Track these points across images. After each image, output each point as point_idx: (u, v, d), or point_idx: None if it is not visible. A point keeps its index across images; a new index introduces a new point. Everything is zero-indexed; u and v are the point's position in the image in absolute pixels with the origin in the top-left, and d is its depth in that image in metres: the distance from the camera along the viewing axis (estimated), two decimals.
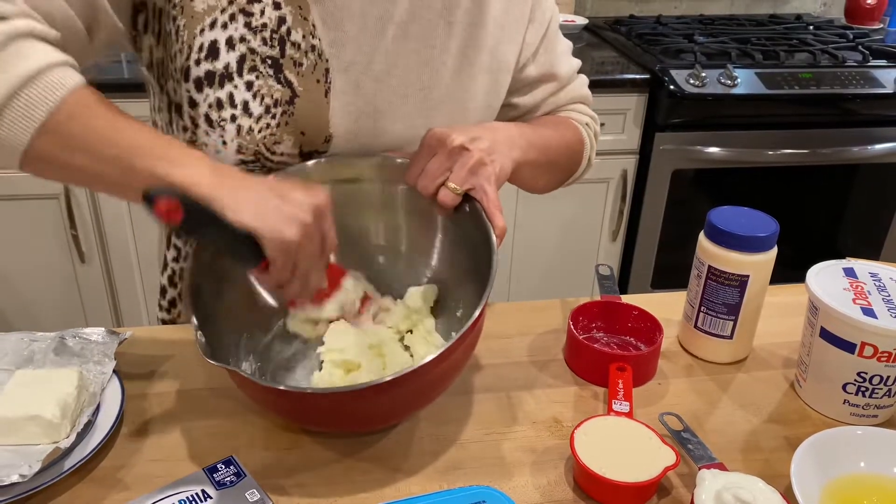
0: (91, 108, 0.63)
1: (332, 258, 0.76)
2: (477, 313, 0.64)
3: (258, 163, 0.79)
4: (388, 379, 0.60)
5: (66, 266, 1.87)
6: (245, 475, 0.65)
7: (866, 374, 0.72)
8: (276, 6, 0.76)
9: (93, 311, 1.94)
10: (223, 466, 0.66)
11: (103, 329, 0.81)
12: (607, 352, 0.82)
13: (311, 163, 0.80)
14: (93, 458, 0.67)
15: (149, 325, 1.91)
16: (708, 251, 0.80)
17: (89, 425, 0.70)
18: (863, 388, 0.73)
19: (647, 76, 1.91)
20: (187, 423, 0.73)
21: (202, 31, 0.75)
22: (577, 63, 0.98)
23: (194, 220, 0.60)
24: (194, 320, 0.66)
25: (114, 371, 0.76)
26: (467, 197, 0.74)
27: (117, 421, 0.71)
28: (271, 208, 0.62)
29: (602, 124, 0.99)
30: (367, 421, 0.70)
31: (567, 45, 0.96)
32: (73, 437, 0.67)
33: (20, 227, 1.81)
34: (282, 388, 0.66)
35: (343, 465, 0.69)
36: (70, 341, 0.79)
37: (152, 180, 0.60)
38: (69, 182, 0.67)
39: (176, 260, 0.94)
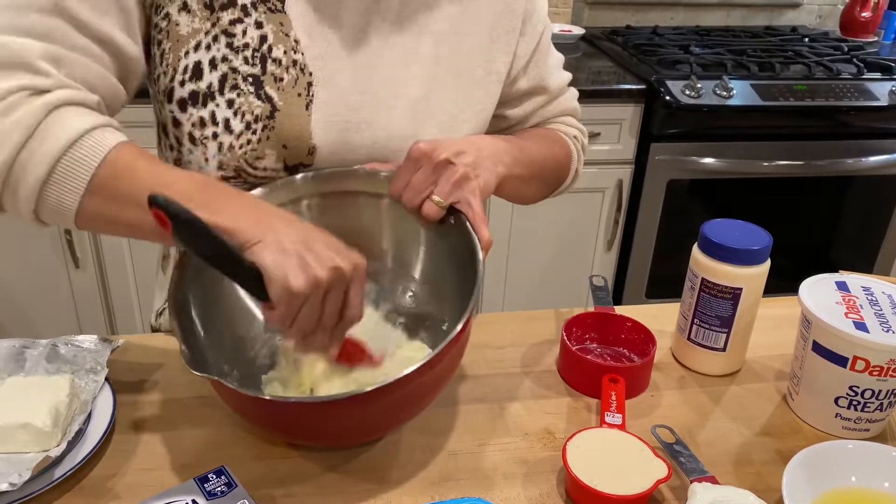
0: (132, 165, 0.65)
1: (360, 339, 0.73)
2: (460, 326, 0.64)
3: (240, 178, 0.80)
4: (369, 390, 0.60)
5: (61, 271, 1.87)
6: (236, 485, 0.64)
7: (858, 387, 0.72)
8: (258, 25, 0.77)
9: (86, 317, 1.93)
10: (214, 476, 0.65)
11: (96, 337, 0.80)
12: (600, 363, 0.82)
13: (298, 176, 0.80)
14: (83, 466, 0.67)
15: (143, 332, 1.91)
16: (701, 264, 0.80)
17: (80, 433, 0.69)
18: (855, 402, 0.74)
19: (643, 86, 1.91)
20: (179, 432, 0.73)
21: (187, 53, 0.76)
22: (568, 76, 0.98)
23: (185, 231, 0.59)
24: (178, 330, 0.66)
25: (106, 379, 0.75)
26: (452, 210, 0.75)
27: (108, 429, 0.70)
28: (291, 253, 0.61)
29: (597, 134, 1.00)
30: (348, 434, 0.69)
31: (558, 58, 0.97)
32: (63, 446, 0.66)
33: (14, 231, 1.81)
34: (261, 397, 0.66)
35: (335, 475, 0.69)
36: (62, 349, 0.79)
37: None
38: (122, 235, 0.71)
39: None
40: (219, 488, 0.64)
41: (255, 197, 0.77)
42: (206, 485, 0.64)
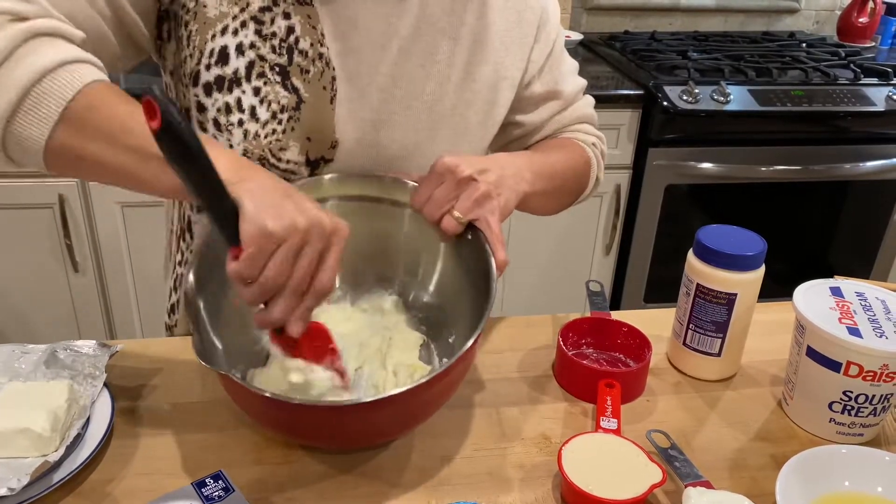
0: (109, 101, 0.63)
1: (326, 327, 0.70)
2: (469, 344, 0.64)
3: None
4: (372, 399, 0.60)
5: (60, 275, 1.87)
6: (233, 490, 0.65)
7: (852, 392, 0.73)
8: (286, 16, 0.77)
9: (85, 321, 1.94)
10: (212, 481, 0.66)
11: (94, 342, 0.81)
12: (596, 368, 0.83)
13: (326, 176, 0.81)
14: (82, 471, 0.67)
15: (142, 336, 1.91)
16: (696, 269, 0.81)
17: (79, 438, 0.70)
18: (849, 407, 0.74)
19: (641, 92, 1.92)
20: (177, 437, 0.74)
21: (213, 36, 0.77)
22: (583, 83, 0.99)
23: (171, 138, 0.54)
24: (190, 323, 0.66)
25: (104, 384, 0.76)
26: (471, 227, 0.76)
27: (107, 434, 0.71)
28: (271, 198, 0.59)
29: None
30: (351, 438, 0.70)
31: (573, 64, 0.98)
32: (62, 451, 0.67)
33: (14, 235, 1.81)
34: (268, 394, 0.64)
35: (333, 479, 0.69)
36: (61, 354, 0.79)
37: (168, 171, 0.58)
38: (89, 176, 0.68)
39: (181, 264, 0.95)
40: (217, 493, 0.64)
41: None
42: (204, 489, 0.65)
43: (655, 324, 0.91)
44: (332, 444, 0.72)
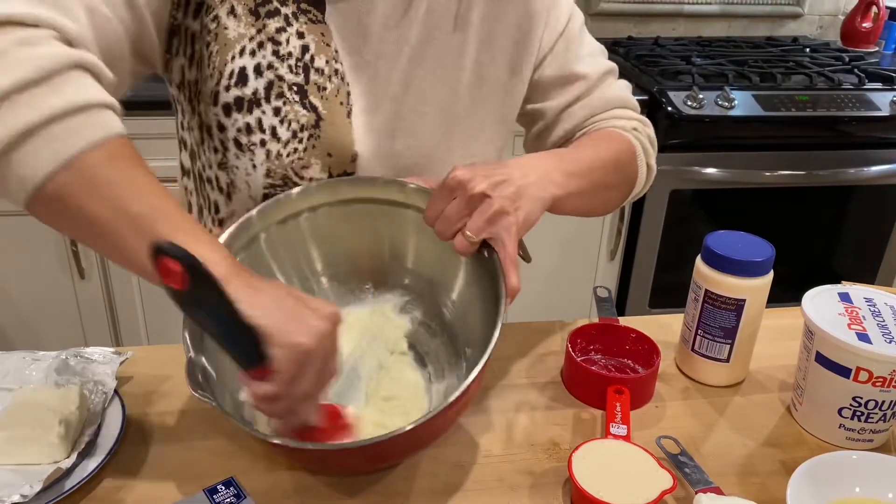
0: (129, 161, 0.60)
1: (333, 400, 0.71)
2: (470, 379, 0.62)
3: (286, 187, 0.81)
4: (368, 442, 0.60)
5: (66, 283, 1.88)
6: (245, 496, 0.65)
7: (861, 398, 0.73)
8: (300, 35, 0.78)
9: (92, 328, 1.94)
10: (223, 487, 0.66)
11: (105, 349, 0.81)
12: (605, 374, 0.83)
13: (344, 179, 0.80)
14: (93, 478, 0.68)
15: (147, 343, 1.92)
16: (704, 275, 0.81)
17: (90, 445, 0.70)
18: (858, 413, 0.74)
19: (646, 97, 1.92)
20: (188, 443, 0.74)
21: (233, 57, 0.77)
22: (611, 65, 0.93)
23: (198, 293, 0.53)
24: (188, 343, 0.65)
25: (115, 391, 0.76)
26: (487, 245, 0.71)
27: (118, 441, 0.71)
28: (287, 309, 0.58)
29: None
30: (354, 469, 0.70)
31: (595, 47, 0.93)
32: (74, 457, 0.67)
33: (20, 241, 1.82)
34: (266, 439, 0.61)
35: (343, 486, 0.69)
36: (72, 361, 0.79)
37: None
38: (73, 232, 0.62)
39: None
40: (228, 499, 0.65)
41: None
42: (215, 496, 0.65)
43: (663, 329, 0.91)
44: (338, 473, 0.71)
